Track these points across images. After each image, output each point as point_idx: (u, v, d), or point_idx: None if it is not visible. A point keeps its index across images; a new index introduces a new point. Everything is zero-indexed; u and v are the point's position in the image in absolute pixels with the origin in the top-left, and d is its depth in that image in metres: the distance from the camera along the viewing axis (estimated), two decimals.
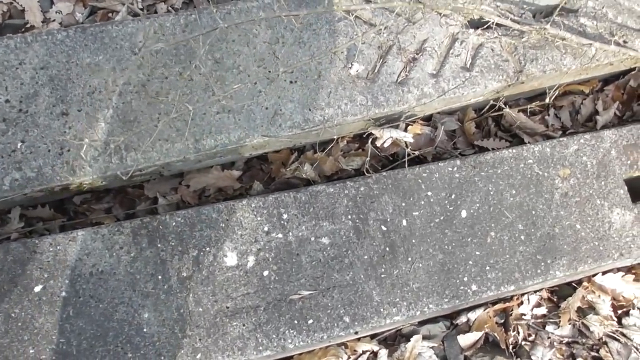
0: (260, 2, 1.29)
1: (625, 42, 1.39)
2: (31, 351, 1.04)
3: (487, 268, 1.24)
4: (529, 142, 1.44)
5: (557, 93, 1.41)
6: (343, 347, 1.31)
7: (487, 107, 1.42)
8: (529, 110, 1.45)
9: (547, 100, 1.37)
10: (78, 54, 1.19)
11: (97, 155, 1.13)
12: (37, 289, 1.06)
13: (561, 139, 1.33)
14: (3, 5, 1.46)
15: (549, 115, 1.53)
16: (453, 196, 1.26)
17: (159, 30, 1.25)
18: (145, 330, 1.09)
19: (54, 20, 1.48)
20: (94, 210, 1.27)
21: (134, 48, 1.22)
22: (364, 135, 1.35)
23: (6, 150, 1.10)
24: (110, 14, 1.51)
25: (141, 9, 1.53)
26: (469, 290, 1.23)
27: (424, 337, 1.34)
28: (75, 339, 1.06)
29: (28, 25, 1.45)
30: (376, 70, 1.28)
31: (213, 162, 1.30)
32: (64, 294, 1.07)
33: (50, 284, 1.07)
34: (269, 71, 1.24)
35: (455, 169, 1.28)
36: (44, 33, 1.20)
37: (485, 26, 1.32)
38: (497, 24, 1.31)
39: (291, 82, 1.24)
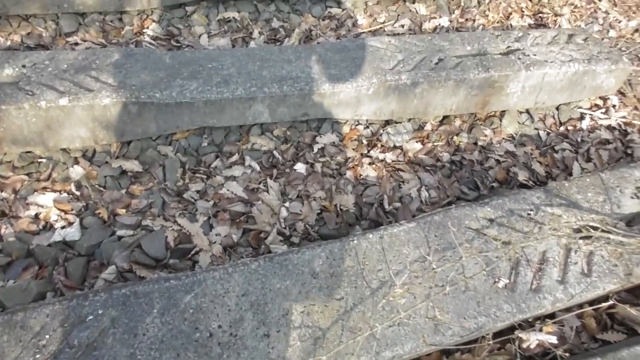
0: (405, 227, 1.65)
1: None
2: None
3: None
4: None
5: None
6: None
7: (601, 304, 1.70)
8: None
9: None
10: (269, 280, 1.50)
11: None
12: None
13: None
14: (174, 232, 1.82)
15: None
16: None
17: (330, 256, 1.58)
18: None
19: (215, 242, 1.83)
20: None
21: (313, 272, 1.53)
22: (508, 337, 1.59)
23: None
24: (260, 234, 1.86)
25: (284, 228, 1.89)
26: None
27: None
28: None
29: (197, 249, 1.79)
30: (512, 281, 1.59)
31: None
32: None
33: None
34: (424, 286, 1.54)
35: None
36: (240, 263, 1.53)
37: (591, 237, 1.67)
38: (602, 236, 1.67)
39: (444, 294, 1.54)
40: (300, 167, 2.05)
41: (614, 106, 2.44)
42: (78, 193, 1.89)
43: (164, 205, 1.90)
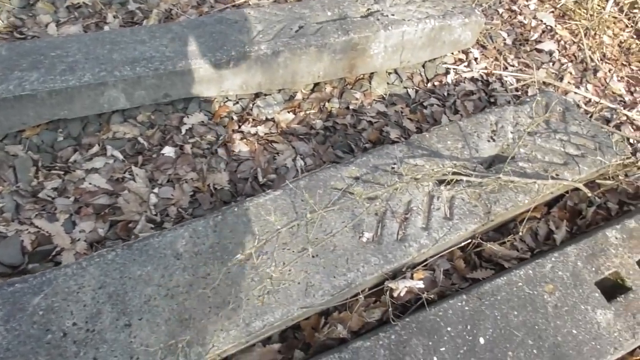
0: (272, 195, 1.67)
1: (557, 174, 1.89)
2: None
3: None
4: (509, 267, 1.82)
5: (522, 225, 1.84)
6: None
7: (469, 244, 1.81)
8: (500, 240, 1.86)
9: (520, 233, 1.79)
10: (128, 269, 1.45)
11: (164, 357, 1.33)
12: None
13: (537, 260, 1.72)
14: (31, 235, 1.71)
15: (516, 241, 1.95)
16: (469, 327, 1.56)
17: (193, 234, 1.56)
18: None
19: (79, 240, 1.74)
20: None
21: (176, 254, 1.50)
22: (381, 289, 1.66)
23: None
24: (129, 224, 1.80)
25: (155, 215, 1.84)
26: None
27: None
28: None
29: (58, 249, 1.70)
30: (379, 234, 1.65)
31: (255, 340, 1.53)
32: None
33: None
34: (293, 251, 1.56)
35: (464, 302, 1.60)
36: (96, 255, 1.47)
37: (452, 182, 1.77)
38: (460, 180, 1.77)
39: (313, 257, 1.57)
40: (168, 151, 1.99)
41: (475, 59, 2.59)
42: None
43: (17, 208, 1.78)
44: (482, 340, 1.55)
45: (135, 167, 1.92)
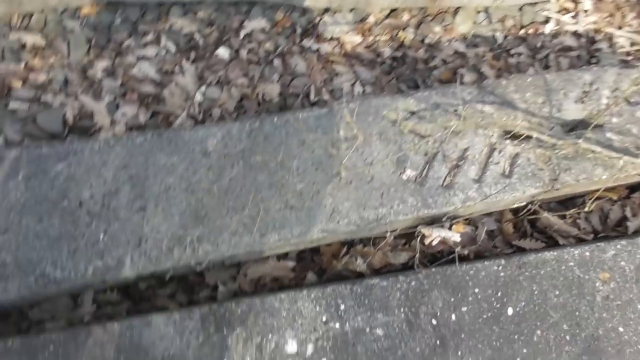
0: (317, 112, 1.56)
1: None
2: None
3: None
4: (563, 244, 1.63)
5: (591, 201, 1.62)
6: None
7: (524, 210, 1.63)
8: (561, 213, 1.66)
9: (586, 209, 1.58)
10: (155, 156, 1.42)
11: (172, 246, 1.31)
12: None
13: (599, 243, 1.52)
14: (74, 109, 1.72)
15: (580, 219, 1.74)
16: (499, 294, 1.42)
17: (226, 136, 1.49)
18: None
19: (119, 122, 1.74)
20: (158, 296, 1.41)
21: (205, 152, 1.45)
22: (413, 233, 1.54)
23: (90, 241, 1.28)
24: (170, 117, 1.77)
25: (198, 112, 1.80)
26: None
27: None
28: None
29: (97, 127, 1.70)
30: (424, 175, 1.51)
31: (270, 253, 1.47)
32: None
33: None
34: (327, 173, 1.46)
35: (501, 268, 1.45)
36: (125, 137, 1.44)
37: (520, 138, 1.58)
38: (529, 137, 1.57)
39: (347, 183, 1.46)
40: (222, 52, 1.92)
41: (585, 10, 2.26)
42: None
43: (66, 82, 1.79)
44: (510, 311, 1.41)
45: (186, 62, 1.87)
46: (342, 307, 1.35)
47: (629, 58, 2.16)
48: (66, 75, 1.79)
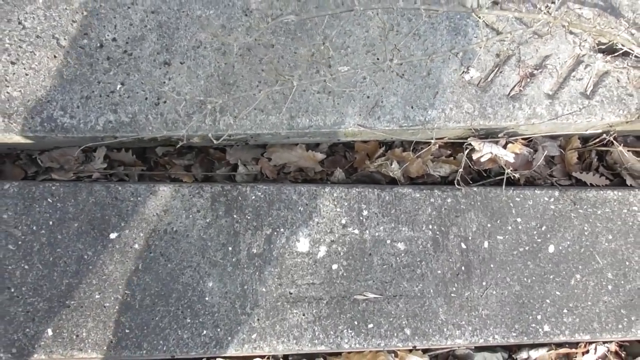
0: None
1: None
2: (97, 296, 1.13)
3: (565, 311, 1.27)
4: (631, 185, 1.45)
5: None
6: (393, 354, 1.37)
7: (596, 139, 1.44)
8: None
9: None
10: (190, 4, 1.26)
11: (192, 112, 1.20)
12: (113, 235, 1.15)
13: None
14: None
15: None
16: (543, 228, 1.29)
17: None
18: (207, 299, 1.17)
19: None
20: (174, 165, 1.35)
21: (246, 9, 1.28)
22: (461, 145, 1.38)
23: (105, 90, 1.18)
24: None
25: None
26: (540, 330, 1.27)
27: None
28: (140, 293, 1.15)
29: None
30: (489, 79, 1.31)
31: (300, 140, 1.36)
32: (136, 246, 1.16)
33: (125, 234, 1.16)
34: (377, 59, 1.28)
35: (552, 199, 1.31)
36: None
37: (615, 54, 1.33)
38: (627, 54, 1.32)
39: (398, 74, 1.29)
40: None
41: None
42: None
43: None
44: (551, 249, 1.29)
45: None
46: (365, 212, 1.26)
47: None
48: None
